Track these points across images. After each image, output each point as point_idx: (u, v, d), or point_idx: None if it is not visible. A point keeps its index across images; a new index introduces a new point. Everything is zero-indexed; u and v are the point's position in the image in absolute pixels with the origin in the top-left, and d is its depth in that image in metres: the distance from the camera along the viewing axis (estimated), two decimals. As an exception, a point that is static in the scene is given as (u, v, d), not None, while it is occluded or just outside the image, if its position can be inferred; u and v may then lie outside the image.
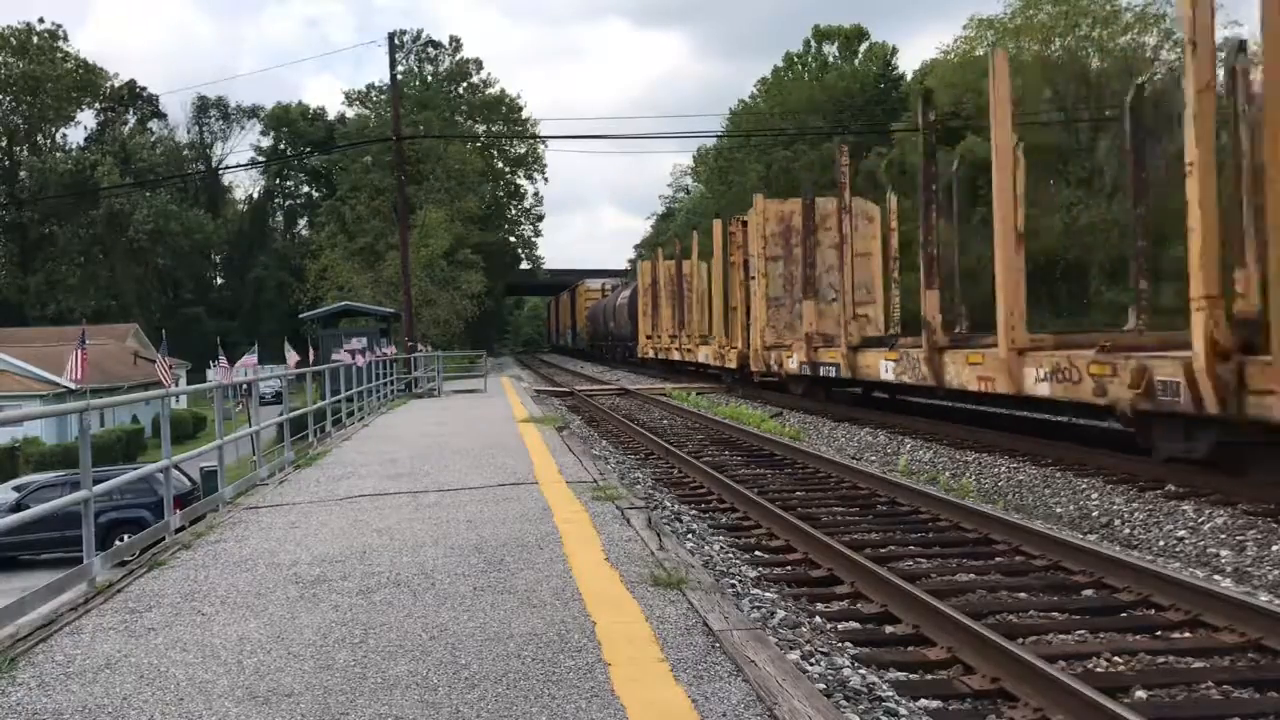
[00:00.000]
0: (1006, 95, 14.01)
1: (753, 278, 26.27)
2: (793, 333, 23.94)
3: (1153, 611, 6.62)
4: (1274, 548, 8.30)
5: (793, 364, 22.60)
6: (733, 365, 27.79)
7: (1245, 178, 10.88)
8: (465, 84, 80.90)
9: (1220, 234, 10.03)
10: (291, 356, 21.42)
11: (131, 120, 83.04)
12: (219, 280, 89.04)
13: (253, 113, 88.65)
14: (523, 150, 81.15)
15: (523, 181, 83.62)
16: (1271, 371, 9.06)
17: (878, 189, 35.87)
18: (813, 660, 5.56)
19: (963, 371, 14.73)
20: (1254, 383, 9.35)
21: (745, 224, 27.03)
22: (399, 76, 43.52)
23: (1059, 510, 10.76)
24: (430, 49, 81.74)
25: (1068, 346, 12.90)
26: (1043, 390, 12.69)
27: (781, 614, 6.49)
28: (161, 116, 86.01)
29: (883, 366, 17.71)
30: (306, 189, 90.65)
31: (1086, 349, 12.13)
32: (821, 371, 20.93)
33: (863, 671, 5.45)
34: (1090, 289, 40.77)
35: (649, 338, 40.89)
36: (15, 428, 35.99)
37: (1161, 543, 9.15)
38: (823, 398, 21.81)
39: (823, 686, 5.02)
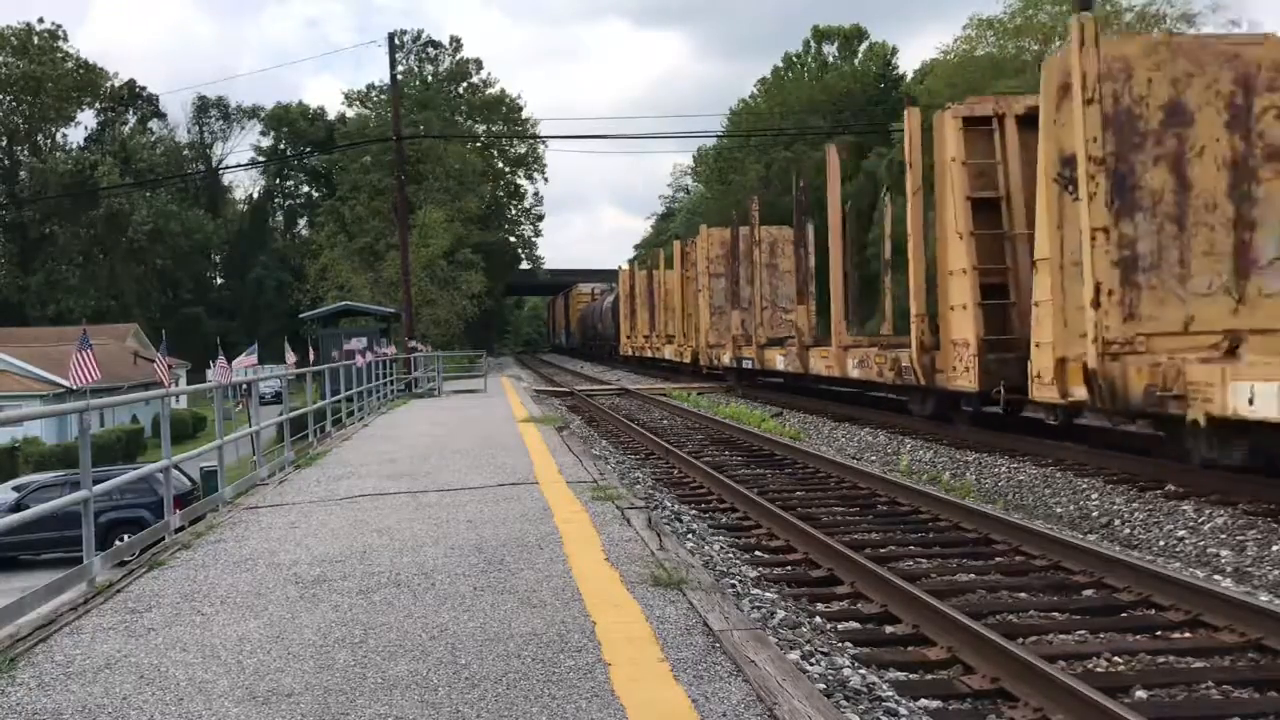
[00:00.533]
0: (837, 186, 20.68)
1: (700, 290, 32.10)
2: (728, 334, 28.98)
3: (1153, 611, 6.62)
4: (1274, 548, 8.30)
5: (726, 359, 28.74)
6: (687, 360, 34.26)
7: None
8: (465, 84, 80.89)
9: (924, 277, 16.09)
10: (289, 357, 21.39)
11: (131, 120, 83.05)
12: (219, 280, 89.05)
13: (253, 113, 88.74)
14: (523, 150, 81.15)
15: (523, 181, 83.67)
16: (941, 359, 15.44)
17: (877, 188, 35.93)
18: (813, 660, 5.56)
19: (818, 362, 21.23)
20: (936, 365, 15.74)
21: (695, 245, 33.17)
22: (399, 76, 43.52)
23: (1059, 510, 10.76)
24: (430, 49, 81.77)
25: (867, 345, 19.67)
26: (856, 373, 19.23)
27: (781, 614, 6.48)
28: (161, 116, 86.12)
29: (778, 360, 24.16)
30: (306, 189, 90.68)
31: (872, 346, 18.97)
32: (743, 364, 27.13)
33: (863, 671, 5.45)
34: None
35: (628, 338, 46.55)
36: (15, 428, 35.98)
37: (1161, 543, 9.15)
38: (745, 384, 27.73)
39: (823, 686, 5.02)
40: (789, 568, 8.20)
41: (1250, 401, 9.25)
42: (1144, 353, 11.31)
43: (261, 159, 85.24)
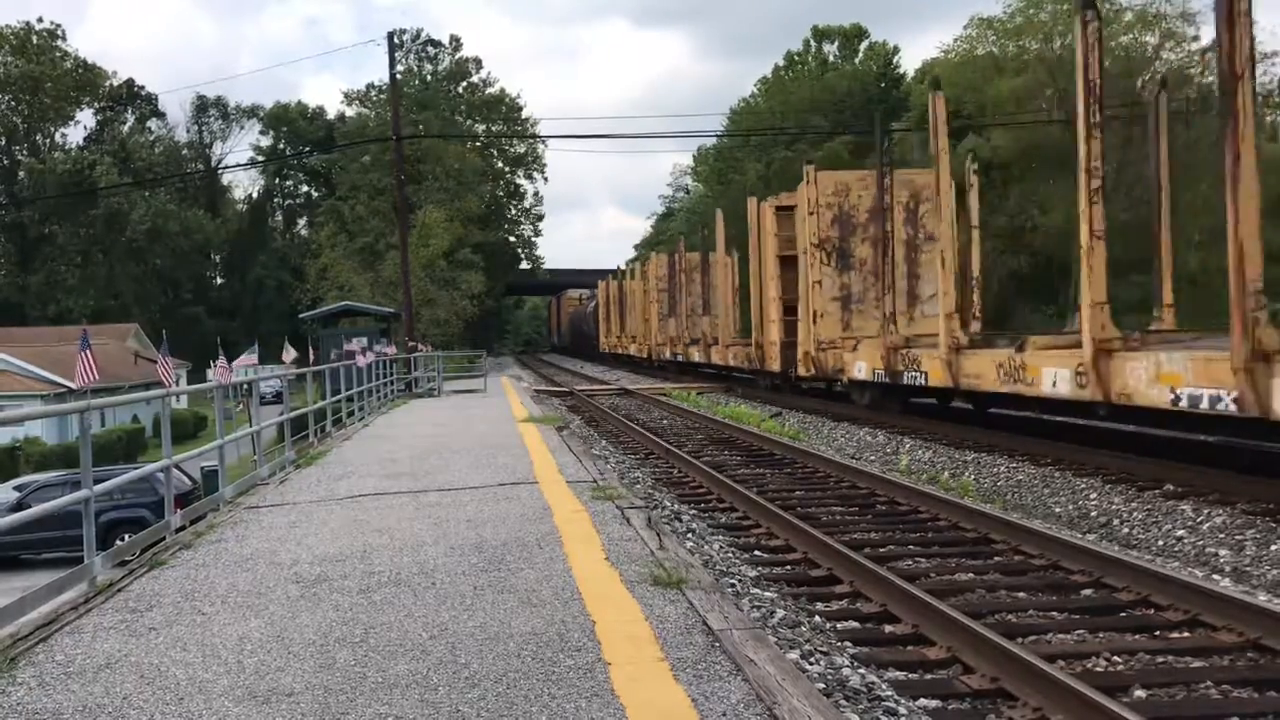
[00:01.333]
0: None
1: (651, 302, 41.91)
2: (668, 336, 38.93)
3: (1152, 611, 6.63)
4: (1273, 547, 8.31)
5: (666, 354, 39.09)
6: (644, 356, 43.38)
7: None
8: (465, 83, 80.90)
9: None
10: (289, 353, 21.42)
11: (130, 120, 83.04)
12: (219, 280, 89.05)
13: (252, 112, 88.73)
14: (522, 150, 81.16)
15: (523, 181, 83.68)
16: (764, 352, 23.83)
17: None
18: (812, 659, 5.57)
19: (715, 356, 31.19)
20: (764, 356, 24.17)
21: (650, 265, 43.55)
22: (399, 76, 43.50)
23: (1058, 510, 10.77)
24: (430, 48, 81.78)
25: (741, 344, 28.39)
26: (733, 362, 28.91)
27: (781, 613, 6.49)
28: (161, 116, 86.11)
29: (695, 354, 34.10)
30: (306, 189, 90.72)
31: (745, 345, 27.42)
32: (678, 358, 36.86)
33: (862, 671, 5.46)
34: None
35: (605, 338, 55.23)
36: (15, 427, 36.00)
37: (1160, 542, 9.16)
38: (675, 371, 37.32)
39: (822, 686, 5.03)
40: (788, 567, 8.21)
41: (859, 370, 19.05)
42: (835, 348, 20.67)
43: (261, 159, 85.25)
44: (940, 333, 15.42)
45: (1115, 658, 5.81)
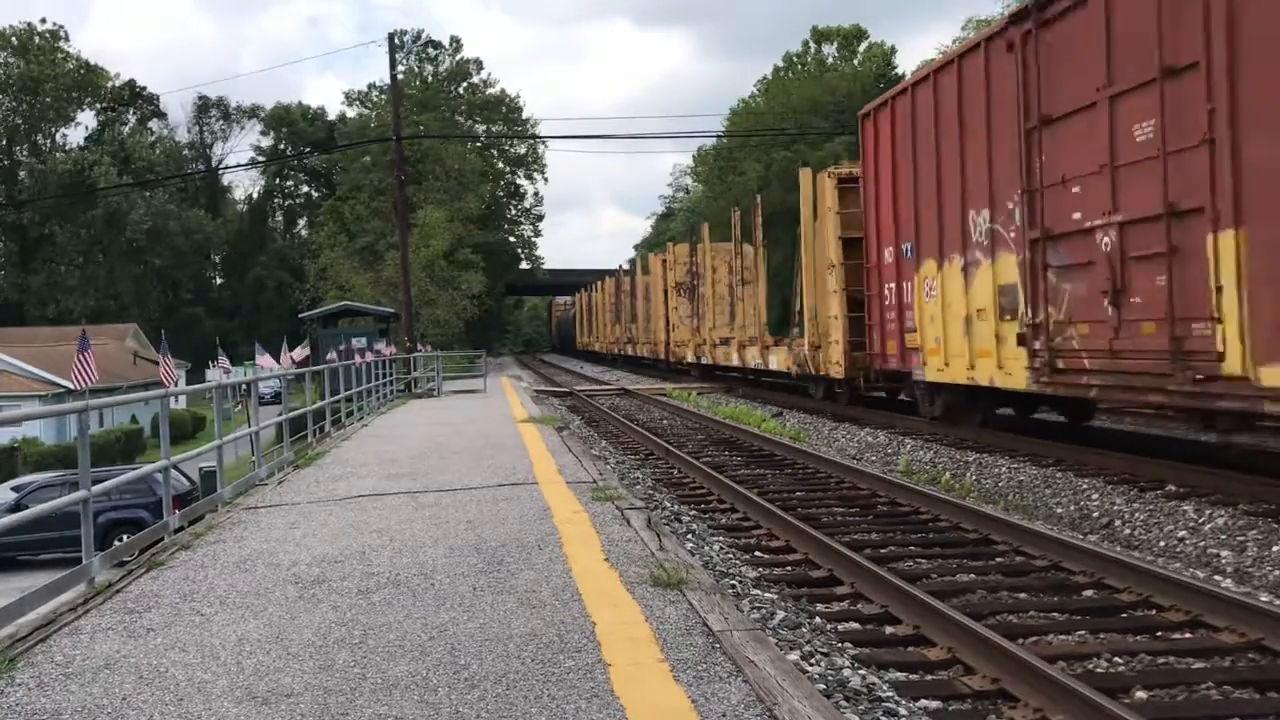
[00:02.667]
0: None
1: (607, 310, 55.15)
2: (614, 336, 52.38)
3: (1153, 612, 6.61)
4: (1274, 548, 8.29)
5: (615, 350, 51.80)
6: (604, 350, 56.02)
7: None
8: (465, 84, 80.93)
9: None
10: (300, 353, 21.39)
11: (131, 120, 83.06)
12: (219, 280, 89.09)
13: (253, 113, 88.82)
14: (523, 150, 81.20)
15: (523, 181, 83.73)
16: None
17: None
18: (813, 660, 5.55)
19: (639, 350, 44.92)
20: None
21: (604, 284, 57.03)
22: (399, 77, 43.50)
23: (1059, 510, 10.75)
24: (430, 49, 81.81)
25: (643, 343, 43.04)
26: (643, 353, 43.91)
27: (781, 614, 6.48)
28: (161, 116, 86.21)
29: (628, 350, 47.36)
30: (306, 189, 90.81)
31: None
32: (627, 353, 48.49)
33: (863, 672, 5.45)
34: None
35: (580, 338, 67.58)
36: (15, 428, 35.98)
37: (1162, 543, 9.14)
38: (624, 364, 49.56)
39: (823, 687, 5.02)
40: (789, 568, 8.19)
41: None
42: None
43: (262, 159, 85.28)
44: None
45: (1116, 659, 5.79)
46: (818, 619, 6.59)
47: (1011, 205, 12.71)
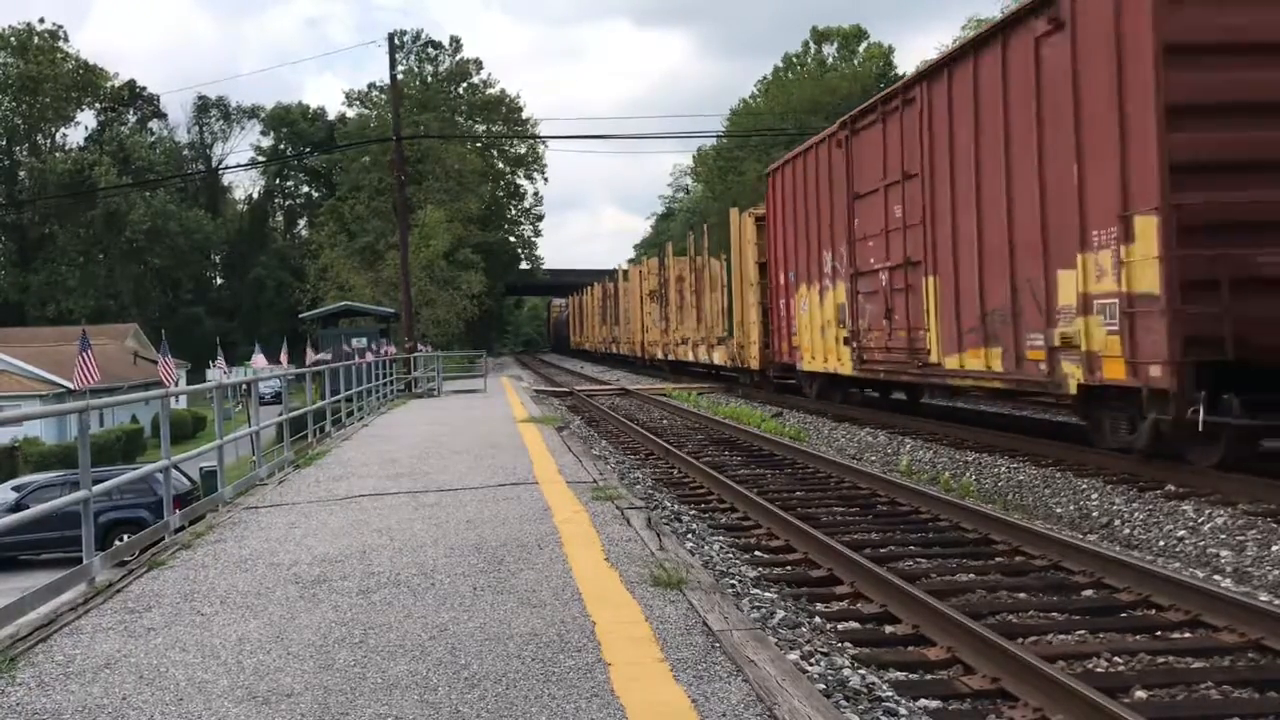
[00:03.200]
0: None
1: (595, 312, 60.75)
2: (601, 335, 57.85)
3: (1153, 612, 6.62)
4: (1274, 548, 8.29)
5: (603, 349, 56.07)
6: (593, 350, 61.44)
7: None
8: (465, 84, 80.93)
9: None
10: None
11: (131, 120, 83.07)
12: (219, 280, 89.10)
13: (253, 113, 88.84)
14: (523, 150, 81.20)
15: (522, 181, 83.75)
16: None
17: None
18: (812, 660, 5.56)
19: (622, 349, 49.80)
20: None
21: (593, 289, 62.18)
22: (399, 77, 43.51)
23: (1059, 510, 10.75)
24: (430, 49, 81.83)
25: (620, 342, 50.27)
26: (622, 351, 50.25)
27: (781, 614, 6.48)
28: (162, 116, 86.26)
29: (613, 348, 52.40)
30: (306, 189, 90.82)
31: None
32: (613, 351, 52.89)
33: (862, 671, 5.45)
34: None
35: (572, 338, 73.59)
36: (15, 428, 35.98)
37: (1161, 543, 9.14)
38: (610, 361, 53.75)
39: (822, 686, 5.02)
40: (789, 568, 8.19)
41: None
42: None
43: (261, 159, 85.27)
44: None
45: (1116, 658, 5.80)
46: (817, 618, 6.59)
47: (843, 250, 18.30)
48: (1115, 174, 10.54)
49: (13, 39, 75.65)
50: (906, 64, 68.61)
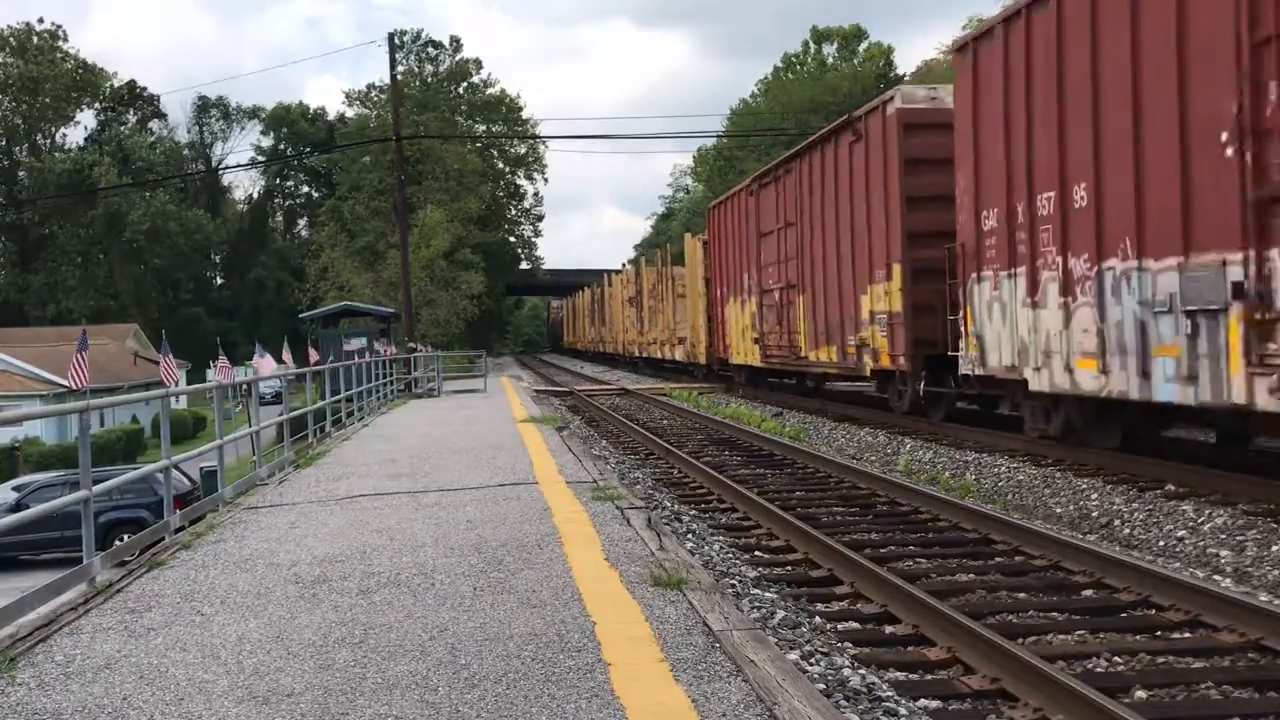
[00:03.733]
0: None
1: (586, 315, 64.09)
2: (587, 335, 62.93)
3: (1153, 612, 6.62)
4: (1274, 548, 8.29)
5: (592, 348, 59.17)
6: (584, 349, 64.67)
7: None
8: (465, 84, 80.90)
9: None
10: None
11: (131, 120, 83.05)
12: (219, 280, 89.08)
13: (253, 113, 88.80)
14: (523, 150, 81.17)
15: (523, 181, 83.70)
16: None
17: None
18: (812, 660, 5.56)
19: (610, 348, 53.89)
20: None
21: (582, 294, 66.06)
22: (399, 77, 43.50)
23: (1059, 510, 10.76)
24: (430, 49, 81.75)
25: (598, 345, 57.11)
26: (605, 349, 54.82)
27: (781, 614, 6.48)
28: (161, 116, 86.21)
29: (600, 347, 56.57)
30: (306, 189, 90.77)
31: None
32: (599, 350, 56.54)
33: (862, 671, 5.45)
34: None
35: (566, 338, 79.46)
36: (15, 428, 35.98)
37: (1161, 543, 9.15)
38: (598, 359, 57.17)
39: (822, 686, 5.02)
40: (789, 568, 8.19)
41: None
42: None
43: (261, 159, 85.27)
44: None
45: (1116, 658, 5.80)
46: (817, 618, 6.60)
47: (754, 273, 24.17)
48: (884, 237, 16.31)
49: (12, 39, 75.62)
50: (907, 64, 68.70)
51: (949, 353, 14.57)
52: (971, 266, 13.71)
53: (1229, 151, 8.75)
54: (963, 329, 14.03)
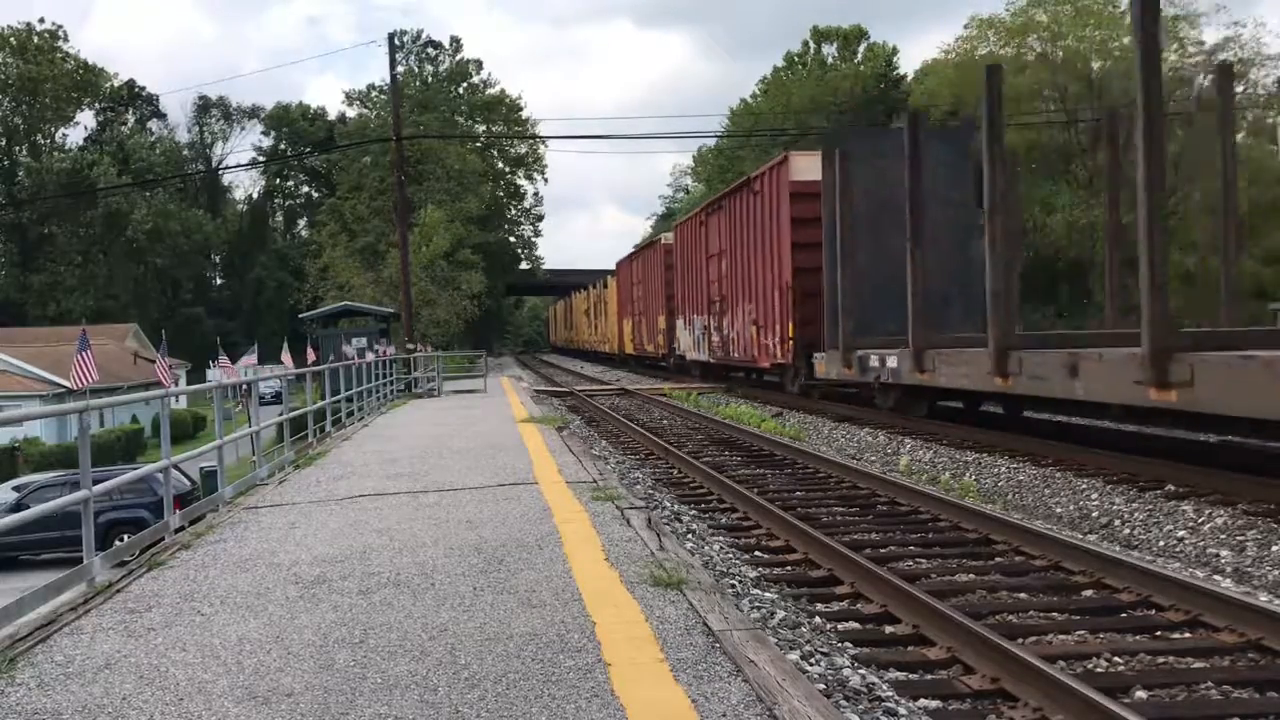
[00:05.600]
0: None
1: (563, 319, 79.04)
2: (569, 334, 74.70)
3: (1153, 612, 6.62)
4: (1274, 548, 8.30)
5: (578, 346, 66.69)
6: (562, 346, 77.62)
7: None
8: (465, 84, 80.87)
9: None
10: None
11: (131, 120, 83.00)
12: (219, 280, 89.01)
13: (253, 113, 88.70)
14: (523, 150, 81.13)
15: (523, 181, 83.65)
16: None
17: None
18: (813, 660, 5.56)
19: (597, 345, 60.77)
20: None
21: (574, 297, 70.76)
22: (399, 77, 43.49)
23: (1059, 510, 10.76)
24: (430, 49, 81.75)
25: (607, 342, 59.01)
26: (602, 347, 56.71)
27: (781, 614, 6.48)
28: (161, 116, 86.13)
29: (588, 345, 61.67)
30: (306, 189, 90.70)
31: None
32: (570, 346, 72.04)
33: (862, 671, 5.45)
34: (1090, 286, 40.85)
35: (552, 337, 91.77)
36: (15, 428, 35.97)
37: (1161, 543, 9.15)
38: (589, 358, 61.06)
39: (822, 686, 5.02)
40: (789, 568, 8.20)
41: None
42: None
43: (261, 159, 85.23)
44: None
45: (1116, 658, 5.80)
46: (817, 619, 6.60)
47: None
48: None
49: (12, 39, 75.57)
50: (908, 65, 68.71)
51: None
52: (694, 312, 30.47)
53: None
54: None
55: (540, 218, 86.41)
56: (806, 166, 20.96)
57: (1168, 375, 9.70)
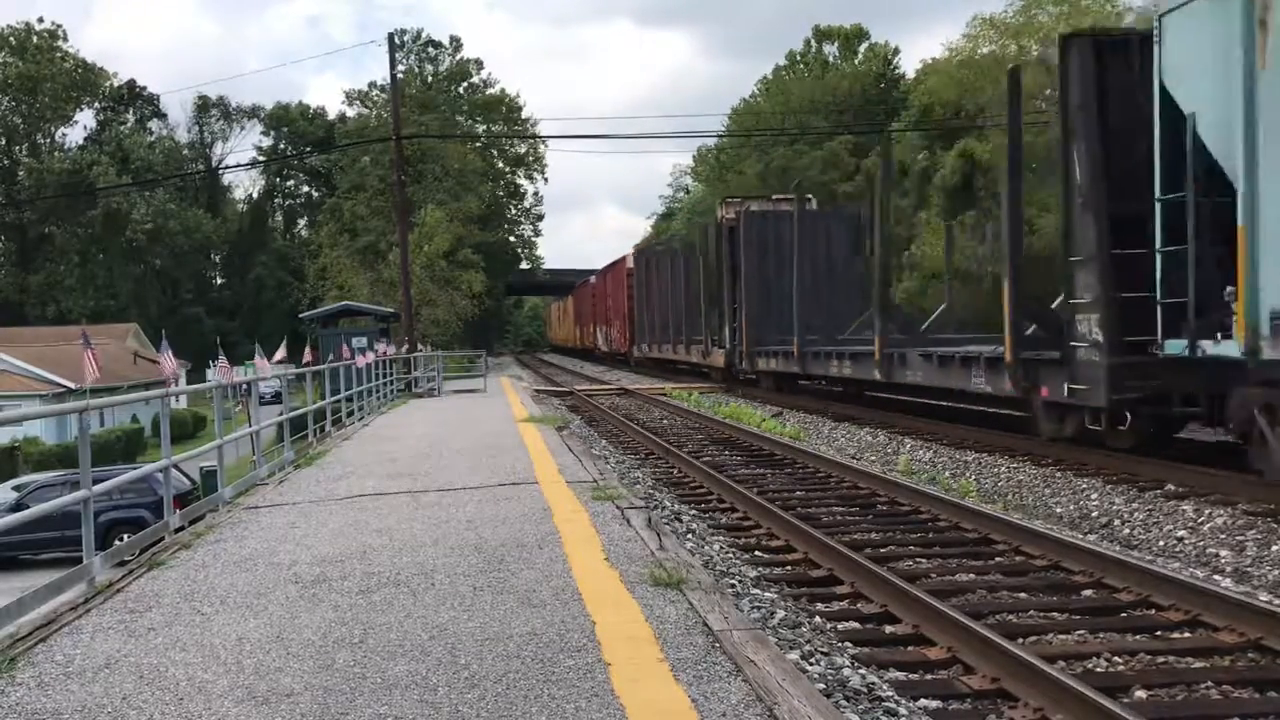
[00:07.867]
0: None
1: (555, 321, 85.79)
2: (563, 332, 78.46)
3: (1152, 611, 6.62)
4: (1274, 548, 8.30)
5: (573, 344, 69.45)
6: (567, 346, 74.36)
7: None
8: (465, 84, 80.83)
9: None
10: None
11: (131, 120, 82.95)
12: (219, 280, 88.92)
13: (253, 112, 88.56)
14: (523, 150, 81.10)
15: (523, 181, 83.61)
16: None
17: (873, 189, 36.22)
18: (813, 660, 5.56)
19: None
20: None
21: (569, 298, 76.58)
22: (399, 76, 43.49)
23: (1059, 510, 10.76)
24: (430, 49, 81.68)
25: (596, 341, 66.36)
26: (570, 342, 73.37)
27: (781, 614, 6.48)
28: (161, 116, 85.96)
29: (582, 343, 66.51)
30: (306, 189, 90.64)
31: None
32: (577, 345, 67.42)
33: (862, 671, 5.45)
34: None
35: (553, 336, 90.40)
36: (15, 427, 35.96)
37: (1161, 543, 9.15)
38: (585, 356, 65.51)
39: (822, 686, 5.02)
40: (789, 568, 8.20)
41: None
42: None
43: (262, 159, 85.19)
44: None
45: (1116, 658, 5.80)
46: (818, 618, 6.60)
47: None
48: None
49: (12, 38, 75.53)
50: (909, 64, 68.67)
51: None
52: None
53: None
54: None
55: (540, 217, 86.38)
56: (632, 259, 45.54)
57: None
